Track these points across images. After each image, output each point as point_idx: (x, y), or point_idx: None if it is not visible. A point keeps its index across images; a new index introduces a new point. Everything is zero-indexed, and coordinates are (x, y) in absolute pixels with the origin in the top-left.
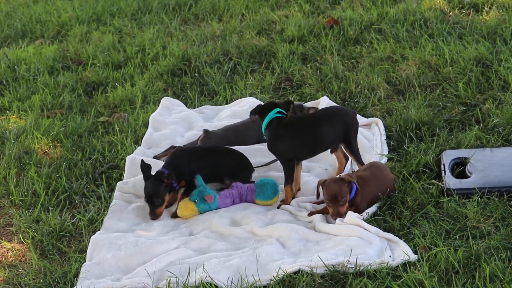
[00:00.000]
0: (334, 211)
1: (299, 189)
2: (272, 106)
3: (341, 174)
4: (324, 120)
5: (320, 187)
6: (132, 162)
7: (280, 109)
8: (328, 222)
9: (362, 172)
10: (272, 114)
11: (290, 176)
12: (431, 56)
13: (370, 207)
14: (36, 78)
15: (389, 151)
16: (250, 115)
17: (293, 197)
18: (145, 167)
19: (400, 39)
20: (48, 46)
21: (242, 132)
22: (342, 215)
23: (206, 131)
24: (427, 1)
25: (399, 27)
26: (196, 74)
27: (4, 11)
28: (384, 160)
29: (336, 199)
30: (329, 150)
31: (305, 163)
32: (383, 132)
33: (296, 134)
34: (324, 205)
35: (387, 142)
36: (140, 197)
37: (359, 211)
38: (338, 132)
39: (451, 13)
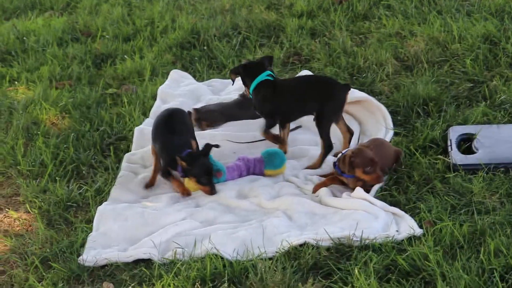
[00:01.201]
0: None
1: (285, 152)
2: (259, 68)
3: (348, 149)
4: (311, 88)
5: (346, 158)
6: (140, 133)
7: (270, 72)
8: (334, 195)
9: (365, 146)
10: (263, 76)
11: (278, 137)
12: (439, 32)
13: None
14: (45, 50)
15: (396, 125)
16: (230, 74)
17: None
18: (209, 146)
19: (409, 15)
20: (57, 18)
21: (235, 110)
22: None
23: (196, 110)
24: None
25: (408, 3)
26: (205, 48)
27: None
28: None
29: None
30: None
31: (313, 136)
32: (390, 126)
33: (284, 96)
34: (327, 177)
35: (392, 118)
36: (147, 167)
37: (365, 186)
38: (321, 102)
39: None
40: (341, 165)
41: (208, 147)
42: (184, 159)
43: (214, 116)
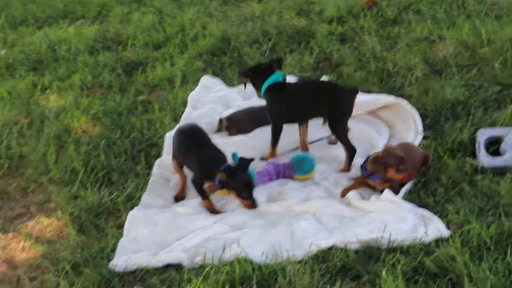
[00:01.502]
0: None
1: (307, 150)
2: (268, 70)
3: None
4: (319, 92)
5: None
6: (171, 139)
7: (281, 74)
8: (363, 198)
9: (390, 146)
10: (274, 78)
11: (276, 139)
12: (468, 36)
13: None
14: (76, 58)
15: (425, 129)
16: (239, 77)
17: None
18: (247, 161)
19: (438, 20)
20: (89, 26)
21: (265, 117)
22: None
23: (228, 118)
24: None
25: (437, 7)
26: (235, 54)
27: None
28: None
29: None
30: None
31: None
32: (420, 130)
33: (293, 100)
34: (354, 181)
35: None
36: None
37: (393, 187)
38: (330, 106)
39: None
40: (370, 166)
41: (245, 161)
42: (225, 172)
43: (244, 125)
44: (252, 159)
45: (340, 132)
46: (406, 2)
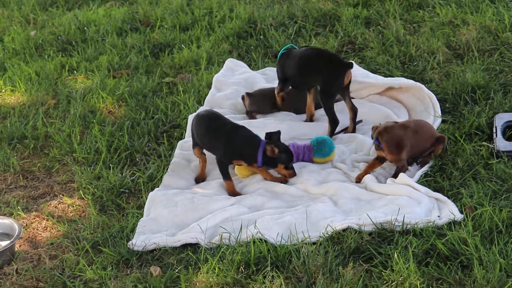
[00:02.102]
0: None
1: (312, 115)
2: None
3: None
4: (315, 61)
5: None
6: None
7: (292, 44)
8: (379, 181)
9: (404, 122)
10: (284, 47)
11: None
12: (491, 21)
13: (409, 157)
14: (105, 39)
15: (444, 113)
16: (272, 56)
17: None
18: (276, 133)
19: (462, 4)
20: (118, 8)
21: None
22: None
23: (248, 94)
24: None
25: None
26: (261, 37)
27: None
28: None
29: (399, 147)
30: None
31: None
32: (438, 114)
33: (294, 65)
34: (367, 165)
35: (441, 106)
36: None
37: (398, 160)
38: (322, 77)
39: None
40: (374, 133)
41: (276, 134)
42: (279, 146)
43: (263, 103)
44: (279, 131)
45: (326, 101)
46: None
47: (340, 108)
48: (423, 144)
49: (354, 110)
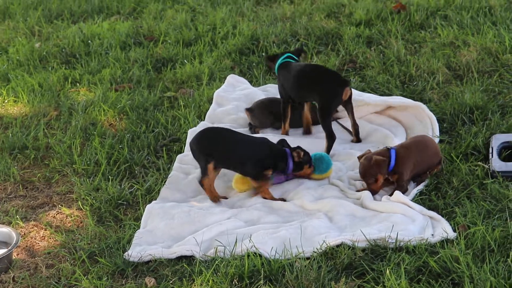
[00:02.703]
0: (367, 188)
1: (309, 124)
2: (281, 54)
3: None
4: (314, 76)
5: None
6: (193, 135)
7: (290, 54)
8: (375, 199)
9: (407, 141)
10: (283, 58)
11: (284, 115)
12: (492, 43)
13: (414, 176)
14: (108, 53)
15: (441, 133)
16: (264, 61)
17: (286, 133)
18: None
19: (464, 26)
20: (122, 22)
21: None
22: (376, 191)
23: (248, 110)
24: None
25: (464, 14)
26: (263, 54)
27: None
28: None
29: (365, 177)
30: None
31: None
32: (437, 133)
33: (292, 78)
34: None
35: (439, 126)
36: (198, 168)
37: (401, 179)
38: (318, 92)
39: None
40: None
41: (284, 141)
42: (304, 151)
43: (263, 113)
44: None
45: (324, 118)
46: (434, 7)
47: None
48: (430, 161)
49: (355, 128)
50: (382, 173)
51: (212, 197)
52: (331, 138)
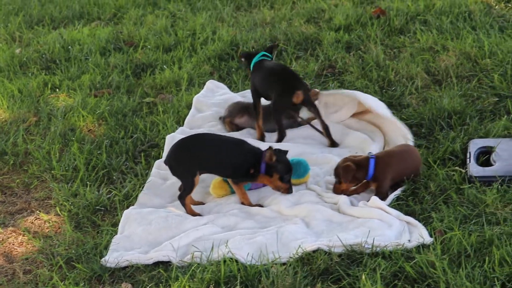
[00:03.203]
0: (334, 188)
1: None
2: (256, 52)
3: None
4: (276, 76)
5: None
6: (172, 140)
7: (265, 53)
8: (352, 204)
9: (390, 149)
10: (258, 56)
11: (256, 111)
12: (471, 47)
13: (395, 183)
14: (88, 59)
15: (419, 138)
16: (239, 58)
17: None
18: (283, 151)
19: (443, 31)
20: (103, 28)
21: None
22: (337, 193)
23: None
24: None
25: (444, 18)
26: (242, 59)
27: None
28: None
29: (335, 175)
30: None
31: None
32: (411, 139)
33: (262, 74)
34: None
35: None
36: None
37: (381, 187)
38: (275, 91)
39: (497, 6)
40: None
41: (283, 151)
42: (277, 152)
43: (238, 112)
44: (286, 151)
45: (275, 114)
46: (414, 12)
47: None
48: (411, 170)
49: (325, 128)
50: (346, 179)
51: (193, 213)
52: (282, 136)
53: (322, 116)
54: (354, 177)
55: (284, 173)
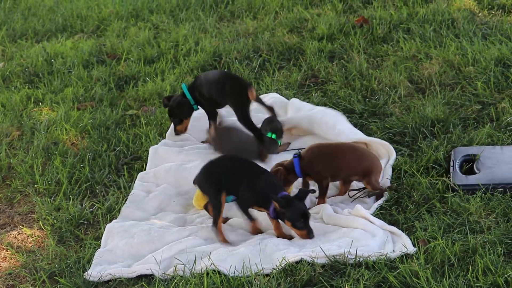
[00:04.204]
0: None
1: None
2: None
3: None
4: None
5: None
6: (155, 152)
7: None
8: (336, 211)
9: (323, 144)
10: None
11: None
12: (454, 55)
13: (336, 179)
14: (71, 72)
15: (402, 146)
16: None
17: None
18: (306, 191)
19: (427, 39)
20: (86, 40)
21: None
22: None
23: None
24: (457, 1)
25: (427, 26)
26: (225, 70)
27: (47, 6)
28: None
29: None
30: None
31: None
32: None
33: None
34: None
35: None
36: (159, 185)
37: (317, 181)
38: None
39: (480, 13)
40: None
41: (304, 192)
42: (279, 201)
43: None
44: (311, 190)
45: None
46: (397, 21)
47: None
48: (350, 165)
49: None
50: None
51: (225, 241)
52: (255, 131)
53: (277, 115)
54: (286, 179)
55: (295, 220)
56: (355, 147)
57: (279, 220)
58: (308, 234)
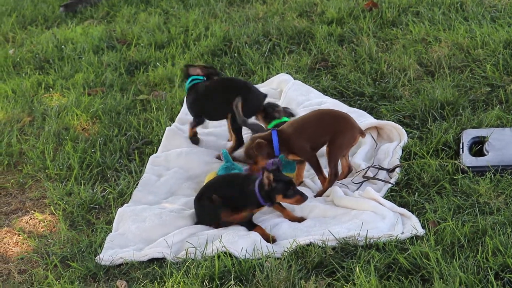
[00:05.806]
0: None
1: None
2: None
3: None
4: (220, 92)
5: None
6: (171, 133)
7: (196, 77)
8: (346, 194)
9: (301, 116)
10: (188, 82)
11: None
12: (463, 38)
13: (315, 149)
14: (81, 57)
15: (412, 129)
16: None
17: None
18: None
19: (436, 22)
20: (96, 26)
21: None
22: (258, 171)
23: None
24: None
25: (436, 10)
26: (235, 54)
27: None
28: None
29: (247, 157)
30: None
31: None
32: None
33: (202, 99)
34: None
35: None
36: (170, 169)
37: (302, 156)
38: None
39: None
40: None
41: (276, 163)
42: (272, 172)
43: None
44: (278, 160)
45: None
46: (406, 4)
47: None
48: (327, 131)
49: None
50: (263, 155)
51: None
52: (240, 143)
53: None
54: (267, 152)
55: (286, 189)
56: (320, 112)
57: (282, 204)
58: (302, 196)
